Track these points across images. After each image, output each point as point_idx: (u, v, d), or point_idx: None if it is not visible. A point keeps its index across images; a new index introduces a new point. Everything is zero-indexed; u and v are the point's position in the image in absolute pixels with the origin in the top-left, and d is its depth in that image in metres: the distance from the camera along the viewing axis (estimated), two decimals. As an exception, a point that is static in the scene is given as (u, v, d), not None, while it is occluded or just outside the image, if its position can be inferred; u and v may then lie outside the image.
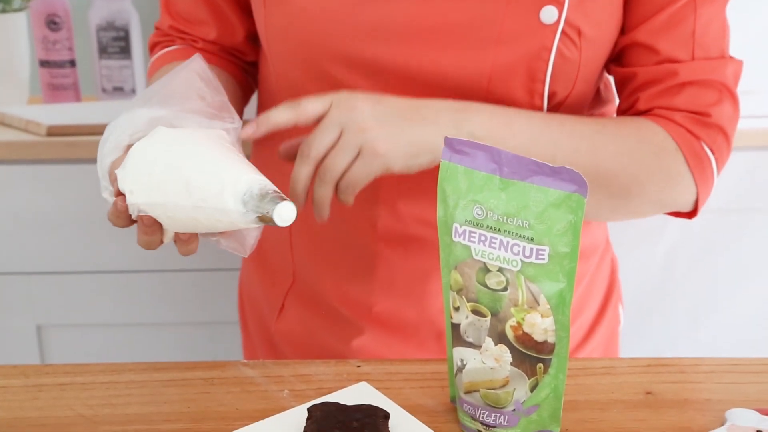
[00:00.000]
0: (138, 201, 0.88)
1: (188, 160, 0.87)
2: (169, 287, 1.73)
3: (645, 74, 1.03)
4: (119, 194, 0.89)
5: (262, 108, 1.18)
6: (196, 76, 0.94)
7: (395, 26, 1.00)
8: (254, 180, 0.85)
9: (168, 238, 0.92)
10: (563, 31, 0.99)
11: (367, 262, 1.13)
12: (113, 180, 0.90)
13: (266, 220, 0.84)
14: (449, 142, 0.90)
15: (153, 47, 1.17)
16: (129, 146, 0.91)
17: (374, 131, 0.93)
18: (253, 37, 1.16)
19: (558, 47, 0.99)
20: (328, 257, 1.16)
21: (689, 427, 0.94)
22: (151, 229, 0.89)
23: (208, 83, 0.94)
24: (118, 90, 1.88)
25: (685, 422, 0.95)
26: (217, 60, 1.15)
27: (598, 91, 1.13)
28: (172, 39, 1.15)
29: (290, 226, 1.15)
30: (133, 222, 0.91)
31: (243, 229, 0.91)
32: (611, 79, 1.14)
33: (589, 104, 1.10)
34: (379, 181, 1.07)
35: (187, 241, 0.90)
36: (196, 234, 0.91)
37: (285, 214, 0.84)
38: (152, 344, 1.77)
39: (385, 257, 1.12)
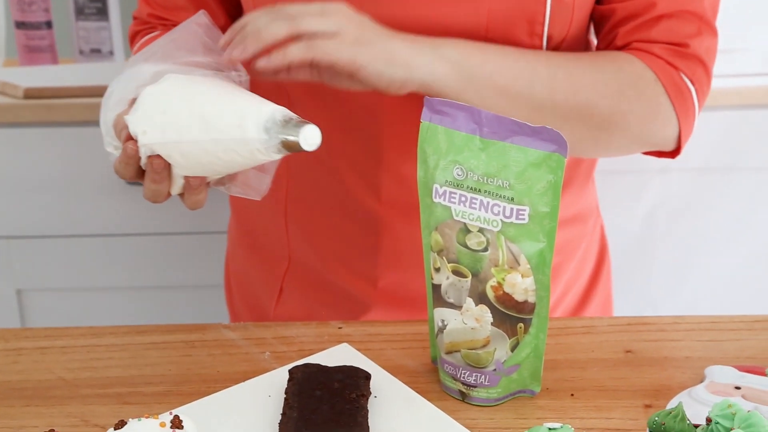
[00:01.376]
0: (151, 141, 0.85)
1: (203, 96, 0.85)
2: (149, 251, 1.73)
3: (623, 10, 1.02)
4: (129, 140, 0.87)
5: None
6: (200, 31, 0.92)
7: None
8: (276, 108, 0.83)
9: (176, 189, 0.89)
10: None
11: (370, 233, 1.10)
12: (120, 130, 0.88)
13: (291, 146, 0.82)
14: (429, 103, 0.90)
15: (133, 37, 1.15)
16: (134, 100, 0.89)
17: (355, 28, 0.91)
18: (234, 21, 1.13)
19: None
20: (327, 232, 1.13)
21: (668, 384, 0.95)
22: (160, 175, 0.86)
23: (213, 38, 0.92)
24: (96, 52, 1.86)
25: (665, 380, 0.95)
26: None
27: (587, 40, 1.12)
28: (152, 26, 1.14)
29: (285, 202, 1.14)
30: (141, 173, 0.88)
31: (256, 173, 0.90)
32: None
33: (582, 49, 1.09)
34: (381, 144, 1.05)
35: (196, 189, 0.88)
36: (206, 181, 0.89)
37: (311, 137, 0.82)
38: (133, 308, 1.77)
39: (389, 227, 1.10)
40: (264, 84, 1.09)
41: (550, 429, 0.87)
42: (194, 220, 1.70)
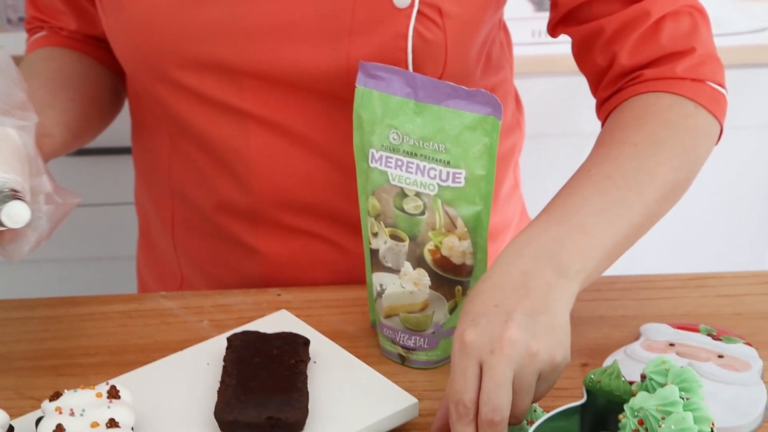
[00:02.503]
0: None
1: None
2: (77, 222, 1.70)
3: (613, 23, 0.96)
4: None
5: (132, 109, 1.12)
6: None
7: (241, 25, 0.94)
8: None
9: None
10: (421, 13, 0.93)
11: (250, 264, 1.07)
12: None
13: None
14: (363, 67, 0.89)
15: (27, 31, 1.14)
16: None
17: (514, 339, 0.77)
18: None
19: (416, 31, 0.93)
20: (215, 263, 1.10)
21: (605, 343, 0.96)
22: None
23: (9, 79, 0.89)
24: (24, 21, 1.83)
25: (601, 338, 0.96)
26: (84, 47, 1.09)
27: (489, 59, 1.06)
28: (39, 26, 1.12)
29: (172, 229, 1.11)
30: None
31: (13, 236, 0.86)
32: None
33: (479, 75, 1.04)
34: (252, 188, 1.02)
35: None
36: None
37: (14, 214, 0.81)
38: (64, 281, 1.74)
39: (270, 263, 1.06)
40: (146, 120, 1.07)
41: None
42: (113, 192, 1.67)
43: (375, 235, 0.92)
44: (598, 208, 0.85)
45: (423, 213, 0.89)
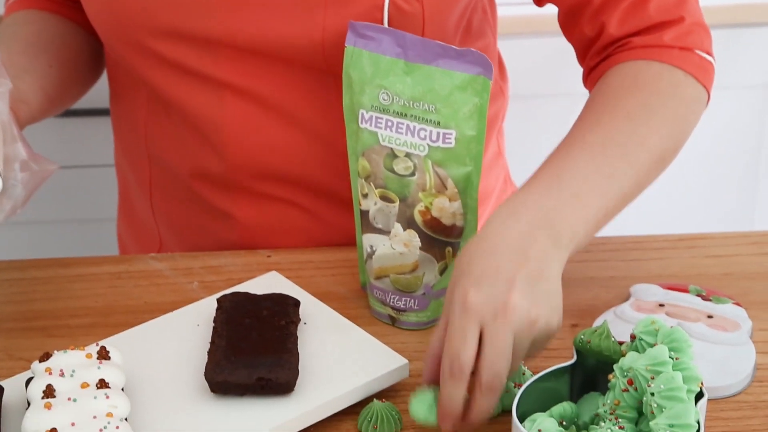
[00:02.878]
0: None
1: None
2: (59, 184, 1.69)
3: None
4: None
5: (110, 74, 1.11)
6: None
7: None
8: None
9: None
10: None
11: (226, 229, 1.06)
12: None
13: None
14: (353, 27, 0.89)
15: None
16: None
17: (515, 305, 0.77)
18: None
19: (392, 2, 0.91)
20: (193, 229, 1.09)
21: (594, 304, 0.96)
22: None
23: None
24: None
25: (591, 299, 0.97)
26: (64, 10, 1.07)
27: (469, 27, 1.04)
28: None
29: (150, 193, 1.10)
30: None
31: None
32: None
33: (458, 43, 1.01)
34: (227, 158, 1.01)
35: None
36: None
37: None
38: (46, 242, 1.74)
39: (245, 228, 1.05)
40: (122, 86, 1.06)
41: None
42: (95, 154, 1.66)
43: (365, 196, 0.92)
44: (592, 177, 0.86)
45: (413, 174, 0.88)
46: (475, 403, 0.77)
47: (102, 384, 0.75)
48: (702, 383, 0.74)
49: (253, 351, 0.82)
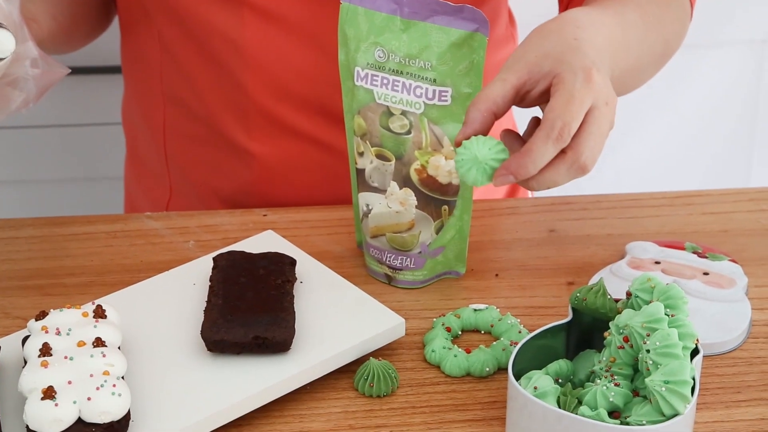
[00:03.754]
0: None
1: None
2: (63, 142, 1.69)
3: None
4: None
5: (121, 14, 1.10)
6: None
7: None
8: None
9: None
10: None
11: (243, 166, 1.07)
12: None
13: None
14: (348, -17, 0.88)
15: None
16: None
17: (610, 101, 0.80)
18: None
19: None
20: (205, 167, 1.09)
21: (591, 262, 0.96)
22: None
23: None
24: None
25: (587, 257, 0.97)
26: None
27: None
28: None
29: (163, 134, 1.10)
30: None
31: (5, 88, 0.86)
32: None
33: None
34: (246, 80, 1.01)
35: None
36: None
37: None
38: (49, 202, 1.73)
39: (260, 162, 1.06)
40: (135, 24, 1.05)
41: (475, 310, 0.89)
42: (99, 112, 1.65)
43: (361, 154, 0.91)
44: (638, 35, 0.89)
45: (409, 132, 0.88)
46: (557, 172, 0.76)
47: (98, 342, 0.75)
48: (697, 340, 0.75)
49: (249, 310, 0.82)
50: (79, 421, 0.71)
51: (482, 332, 0.88)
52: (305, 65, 1.01)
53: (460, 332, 0.88)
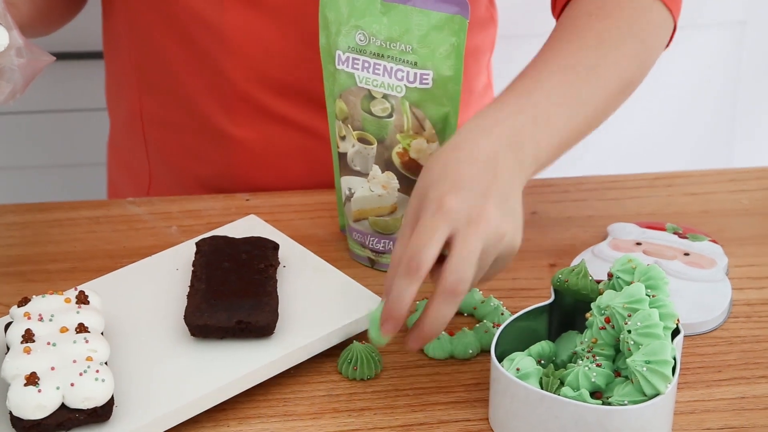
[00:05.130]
0: None
1: None
2: (46, 128, 1.68)
3: None
4: None
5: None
6: None
7: None
8: None
9: None
10: None
11: (224, 153, 1.07)
12: None
13: None
14: (329, -34, 0.88)
15: None
16: None
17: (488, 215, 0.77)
18: None
19: None
20: (184, 152, 1.09)
21: (573, 243, 0.96)
22: None
23: None
24: None
25: (569, 239, 0.97)
26: None
27: None
28: None
29: (141, 121, 1.09)
30: None
31: None
32: None
33: None
34: (225, 65, 1.01)
35: None
36: None
37: None
38: (32, 188, 1.73)
39: (243, 147, 1.06)
40: (113, 12, 1.05)
41: None
42: (81, 98, 1.64)
43: (343, 138, 0.91)
44: (561, 100, 0.85)
45: (391, 115, 0.88)
46: (432, 308, 0.75)
47: (81, 328, 0.75)
48: (678, 320, 0.75)
49: (232, 294, 0.82)
50: (63, 407, 0.71)
51: (465, 315, 0.88)
52: (286, 51, 1.01)
53: None
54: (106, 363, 0.75)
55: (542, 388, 0.73)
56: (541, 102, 0.84)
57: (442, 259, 0.75)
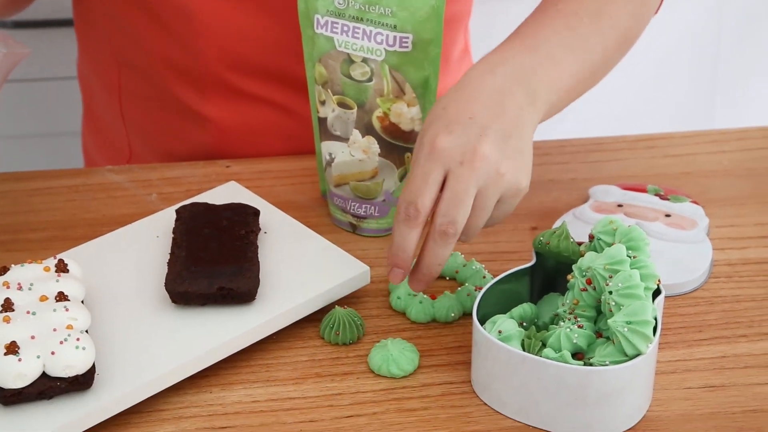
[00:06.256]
0: None
1: None
2: (19, 98, 1.67)
3: None
4: None
5: None
6: None
7: None
8: None
9: None
10: None
11: (200, 131, 1.05)
12: None
13: None
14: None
15: None
16: None
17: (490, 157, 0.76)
18: None
19: None
20: (162, 130, 1.08)
21: (554, 206, 0.96)
22: None
23: None
24: None
25: (551, 202, 0.97)
26: None
27: None
28: None
29: (119, 97, 1.08)
30: None
31: None
32: None
33: None
34: (198, 47, 0.99)
35: None
36: None
37: None
38: (7, 158, 1.71)
39: (217, 126, 1.04)
40: None
41: None
42: (55, 66, 1.63)
43: (323, 103, 0.91)
44: (567, 42, 0.84)
45: (370, 79, 0.88)
46: (427, 250, 0.75)
47: (61, 297, 0.75)
48: (659, 280, 0.75)
49: (213, 261, 0.81)
50: (44, 375, 0.71)
51: (447, 278, 0.88)
52: (257, 32, 0.99)
53: None
54: (86, 331, 0.74)
55: (524, 350, 0.74)
56: (547, 43, 0.83)
57: None
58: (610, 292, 0.73)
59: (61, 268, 0.78)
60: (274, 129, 1.05)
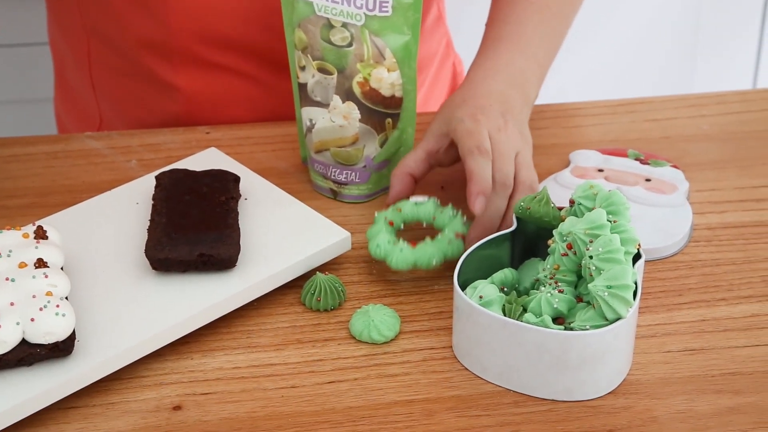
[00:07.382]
0: None
1: None
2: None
3: None
4: None
5: None
6: None
7: None
8: None
9: None
10: None
11: (171, 102, 1.05)
12: None
13: None
14: None
15: None
16: None
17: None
18: None
19: None
20: (132, 100, 1.07)
21: (536, 172, 0.96)
22: None
23: None
24: None
25: (531, 167, 0.97)
26: None
27: None
28: None
29: (89, 66, 1.07)
30: None
31: None
32: None
33: None
34: (170, 23, 0.99)
35: None
36: None
37: None
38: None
39: (187, 97, 1.04)
40: None
41: (416, 204, 0.87)
42: (26, 32, 1.61)
43: (302, 68, 0.90)
44: (543, 38, 0.95)
45: (350, 45, 0.87)
46: (492, 203, 0.84)
47: (40, 263, 0.75)
48: (639, 245, 0.75)
49: (193, 227, 0.81)
50: (23, 342, 0.71)
51: (424, 225, 0.87)
52: (228, 6, 0.98)
53: (402, 225, 0.87)
54: (66, 298, 0.74)
55: (505, 315, 0.74)
56: (529, 43, 0.94)
57: (451, 156, 0.89)
58: (591, 257, 0.73)
59: (40, 234, 0.77)
60: (243, 100, 1.04)
